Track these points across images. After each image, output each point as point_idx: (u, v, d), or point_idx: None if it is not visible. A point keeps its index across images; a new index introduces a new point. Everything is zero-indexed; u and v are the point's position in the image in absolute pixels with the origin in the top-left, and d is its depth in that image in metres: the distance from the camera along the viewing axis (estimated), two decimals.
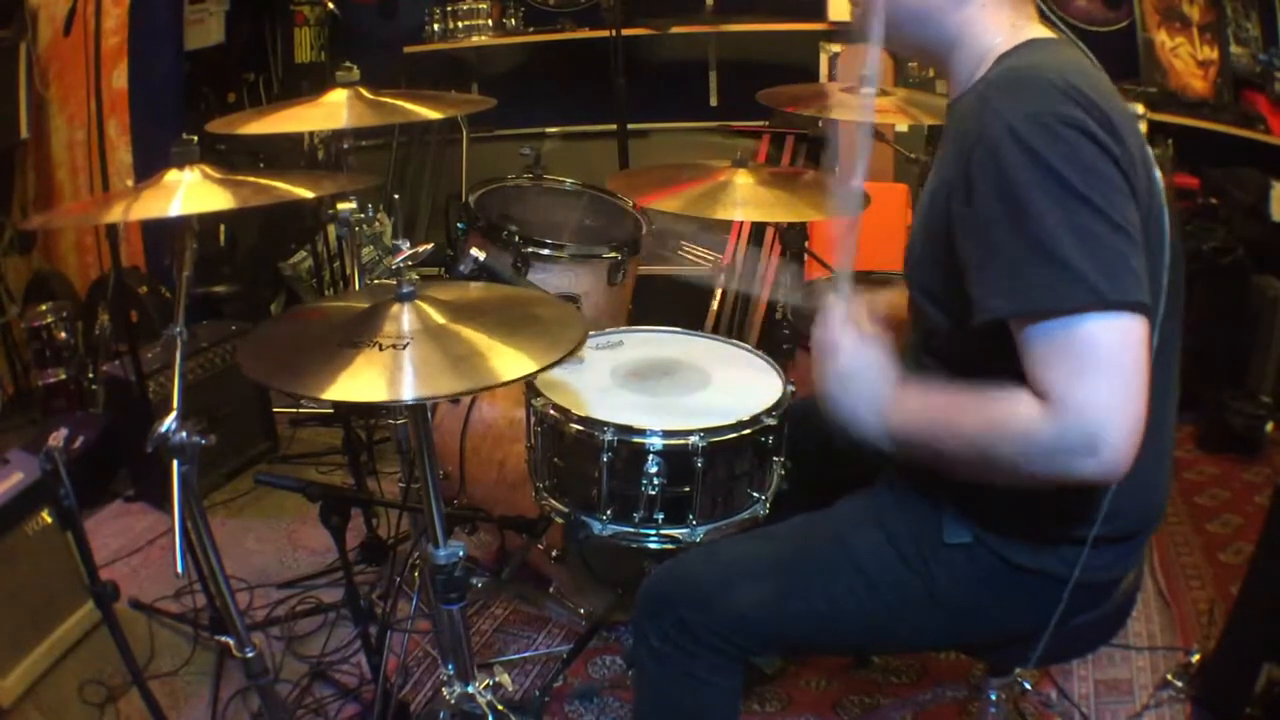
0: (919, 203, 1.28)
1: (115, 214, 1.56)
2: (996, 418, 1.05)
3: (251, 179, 1.53)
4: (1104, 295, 0.96)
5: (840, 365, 1.22)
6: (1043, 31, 1.18)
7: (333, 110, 1.80)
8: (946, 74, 1.25)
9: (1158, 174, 1.10)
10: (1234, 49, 3.14)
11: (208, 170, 1.50)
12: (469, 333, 1.21)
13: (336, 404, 2.56)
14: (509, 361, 1.17)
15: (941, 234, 1.11)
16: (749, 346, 1.81)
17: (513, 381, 1.17)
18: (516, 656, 2.13)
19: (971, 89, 1.16)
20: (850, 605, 1.26)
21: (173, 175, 1.48)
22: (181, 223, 1.46)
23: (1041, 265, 0.98)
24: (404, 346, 1.16)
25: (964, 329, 1.09)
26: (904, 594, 1.24)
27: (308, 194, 1.56)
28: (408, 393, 1.12)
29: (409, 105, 1.85)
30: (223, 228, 3.53)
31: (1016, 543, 1.20)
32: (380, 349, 1.16)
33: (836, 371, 1.22)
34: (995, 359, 1.06)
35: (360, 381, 1.12)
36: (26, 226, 3.34)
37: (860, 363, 1.21)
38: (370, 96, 1.84)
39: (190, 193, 1.44)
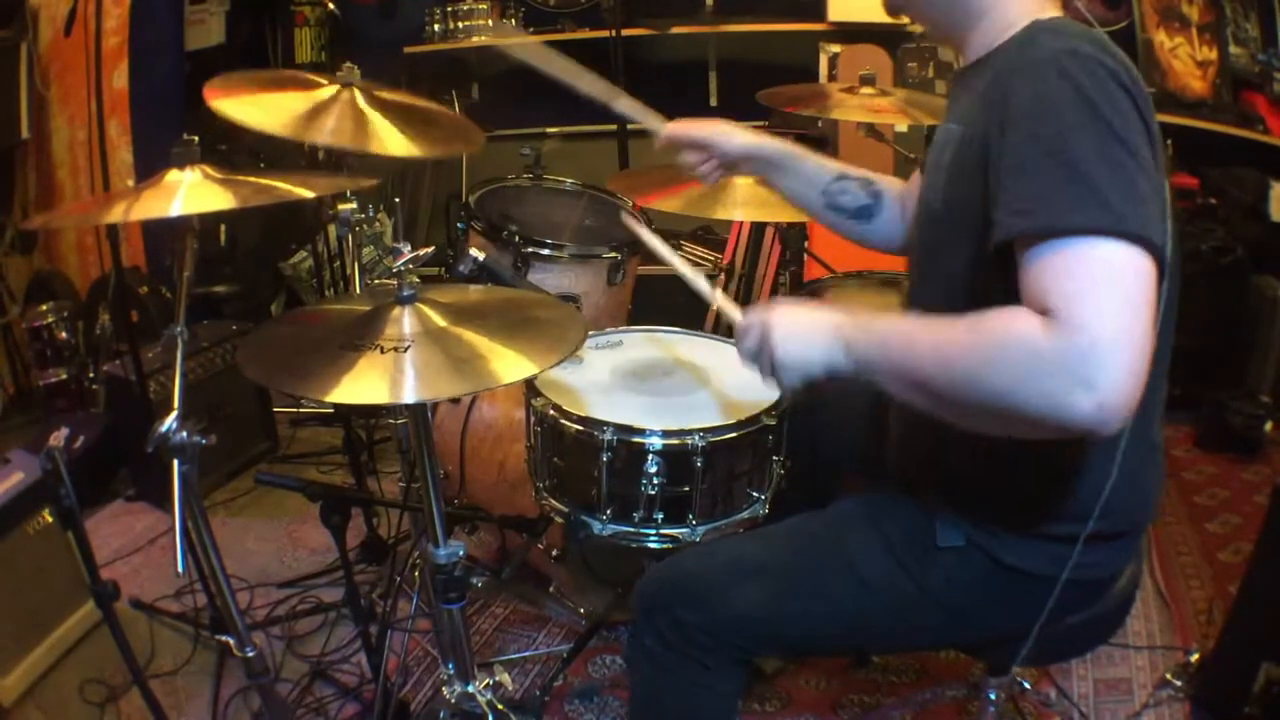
0: (926, 177, 1.26)
1: (116, 214, 1.55)
2: (986, 331, 0.97)
3: (252, 179, 1.53)
4: (1127, 223, 0.93)
5: (775, 322, 1.17)
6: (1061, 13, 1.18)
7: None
8: (960, 45, 1.24)
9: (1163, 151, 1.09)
10: (1233, 49, 3.15)
11: (208, 170, 1.50)
12: (469, 335, 1.21)
13: (337, 404, 2.56)
14: (508, 363, 1.17)
15: (974, 187, 1.08)
16: None
17: (512, 383, 1.17)
18: (516, 656, 2.13)
19: (1003, 46, 1.15)
20: (846, 606, 1.26)
21: (173, 175, 1.48)
22: (182, 223, 1.46)
23: (1069, 185, 0.96)
24: (405, 349, 1.17)
25: (991, 304, 1.05)
26: (898, 595, 1.24)
27: (308, 194, 1.56)
28: (409, 395, 1.12)
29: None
30: (223, 228, 3.53)
31: (1009, 543, 1.20)
32: (381, 351, 1.17)
33: (777, 332, 1.16)
34: None
35: (361, 383, 1.13)
36: (28, 226, 3.34)
37: (793, 311, 1.18)
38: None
39: (191, 193, 1.43)
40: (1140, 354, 0.90)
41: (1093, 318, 0.90)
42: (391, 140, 1.72)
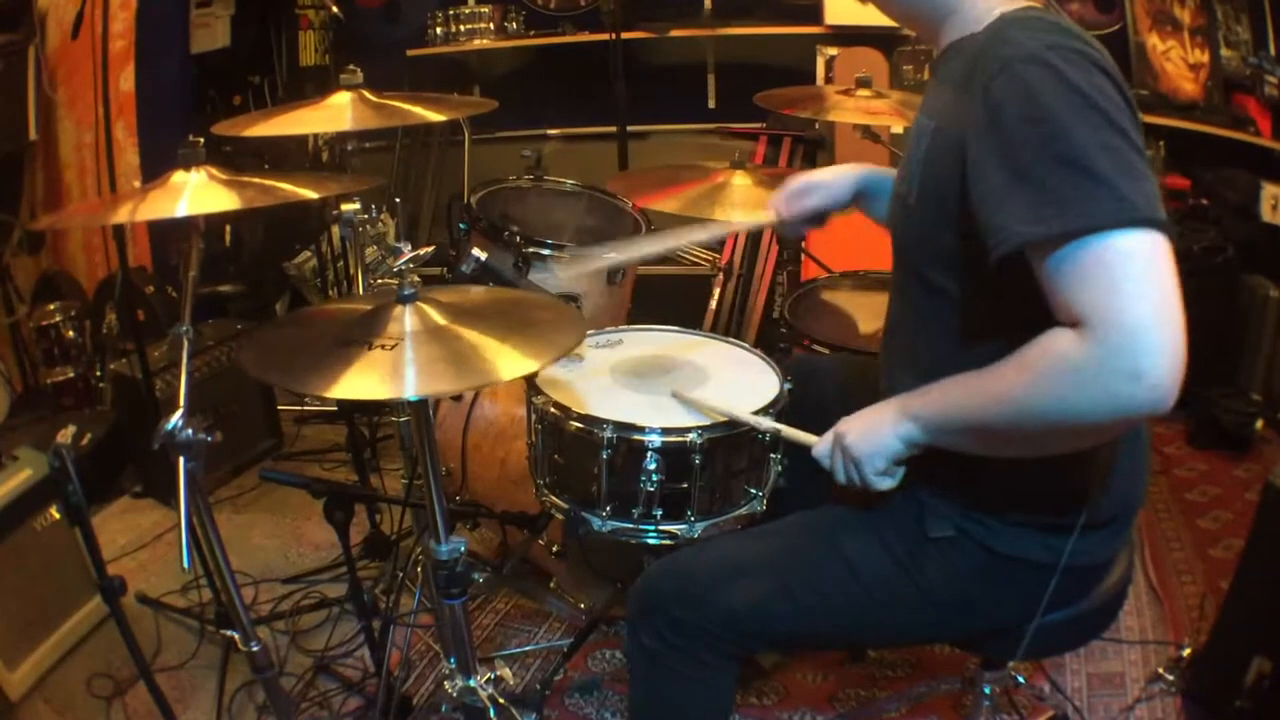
0: (900, 170, 1.27)
1: (123, 215, 1.57)
2: (1033, 364, 0.99)
3: (256, 180, 1.54)
4: (1137, 209, 0.94)
5: (844, 432, 1.24)
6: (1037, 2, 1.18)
7: (336, 113, 1.82)
8: (937, 36, 1.23)
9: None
10: (1224, 52, 3.16)
11: (213, 171, 1.52)
12: (469, 333, 1.22)
13: (340, 401, 2.58)
14: (507, 360, 1.18)
15: (951, 183, 1.08)
16: (747, 345, 1.83)
17: (511, 380, 1.18)
18: (517, 650, 2.15)
19: (974, 35, 1.14)
20: (841, 602, 1.27)
21: (179, 176, 1.50)
22: (188, 223, 1.48)
23: (1073, 181, 0.95)
24: (405, 347, 1.18)
25: (977, 290, 1.07)
26: (893, 589, 1.25)
27: (312, 195, 1.58)
28: (409, 390, 1.13)
29: (411, 107, 1.87)
30: (228, 228, 3.55)
31: (1000, 531, 1.21)
32: (384, 349, 1.18)
33: (849, 439, 1.22)
34: (1011, 316, 1.04)
35: (361, 380, 1.14)
36: (36, 228, 3.36)
37: (856, 416, 1.23)
38: (373, 99, 1.86)
39: (196, 194, 1.45)
40: (1175, 329, 0.92)
41: (1123, 312, 0.92)
42: None
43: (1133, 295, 0.92)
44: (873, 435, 1.20)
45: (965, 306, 1.16)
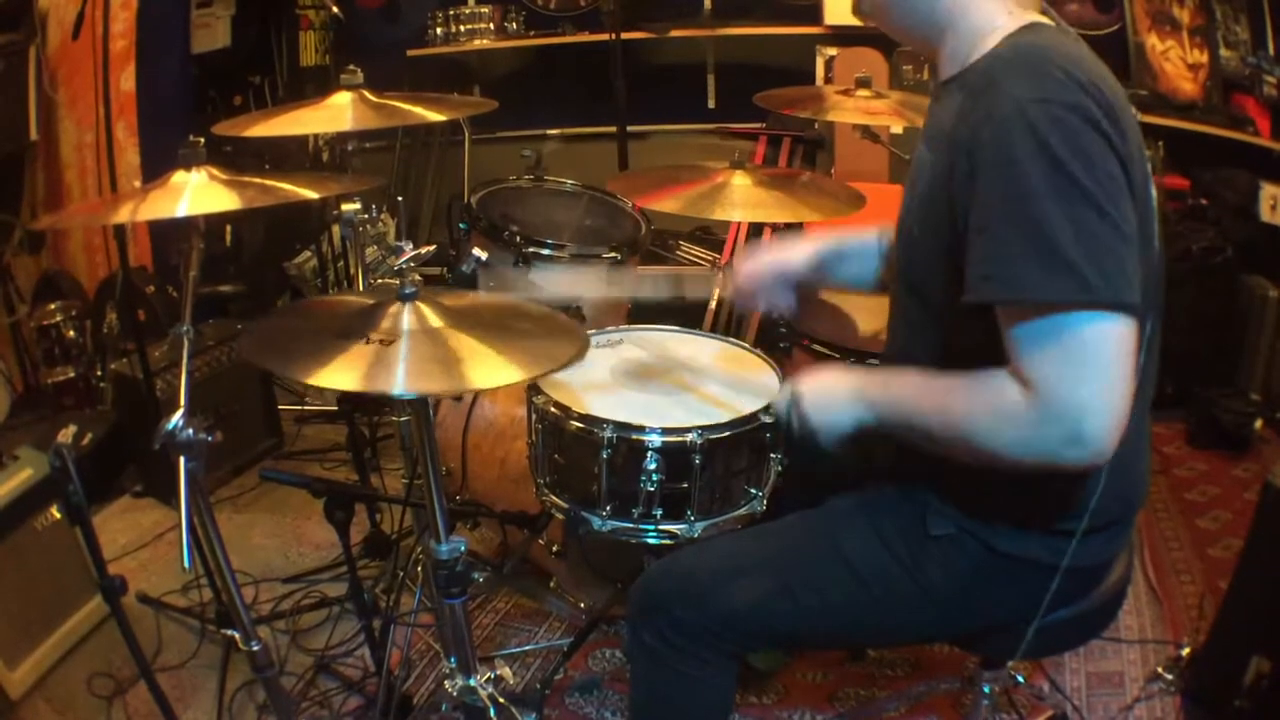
0: (905, 201, 1.27)
1: (123, 214, 1.57)
2: (981, 401, 1.06)
3: (257, 180, 1.54)
4: (1097, 293, 0.96)
5: (803, 391, 1.28)
6: (1043, 19, 1.17)
7: (337, 113, 1.82)
8: (936, 56, 1.23)
9: (1149, 169, 1.10)
10: (1223, 52, 3.17)
11: (214, 171, 1.51)
12: (465, 338, 1.22)
13: (340, 401, 2.58)
14: (499, 370, 1.19)
15: (941, 214, 1.10)
16: (746, 345, 1.83)
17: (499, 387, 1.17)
18: (518, 650, 2.15)
19: (973, 66, 1.14)
20: (841, 600, 1.27)
21: (180, 176, 1.50)
22: (188, 223, 1.48)
23: (1037, 256, 0.97)
24: (401, 344, 1.18)
25: (959, 314, 1.08)
26: (893, 588, 1.26)
27: (312, 194, 1.58)
28: (398, 387, 1.13)
29: (412, 107, 1.87)
30: (229, 228, 3.55)
31: (1001, 531, 1.21)
32: (381, 344, 1.18)
33: (806, 399, 1.27)
34: (990, 345, 1.06)
35: (353, 371, 1.14)
36: (37, 227, 3.36)
37: (819, 378, 1.27)
38: (374, 99, 1.87)
39: (197, 194, 1.45)
40: (1120, 412, 0.98)
41: (1073, 393, 0.98)
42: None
43: (1079, 374, 0.98)
44: (828, 407, 1.26)
45: (959, 328, 1.16)
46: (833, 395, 1.26)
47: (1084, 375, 0.98)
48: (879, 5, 1.25)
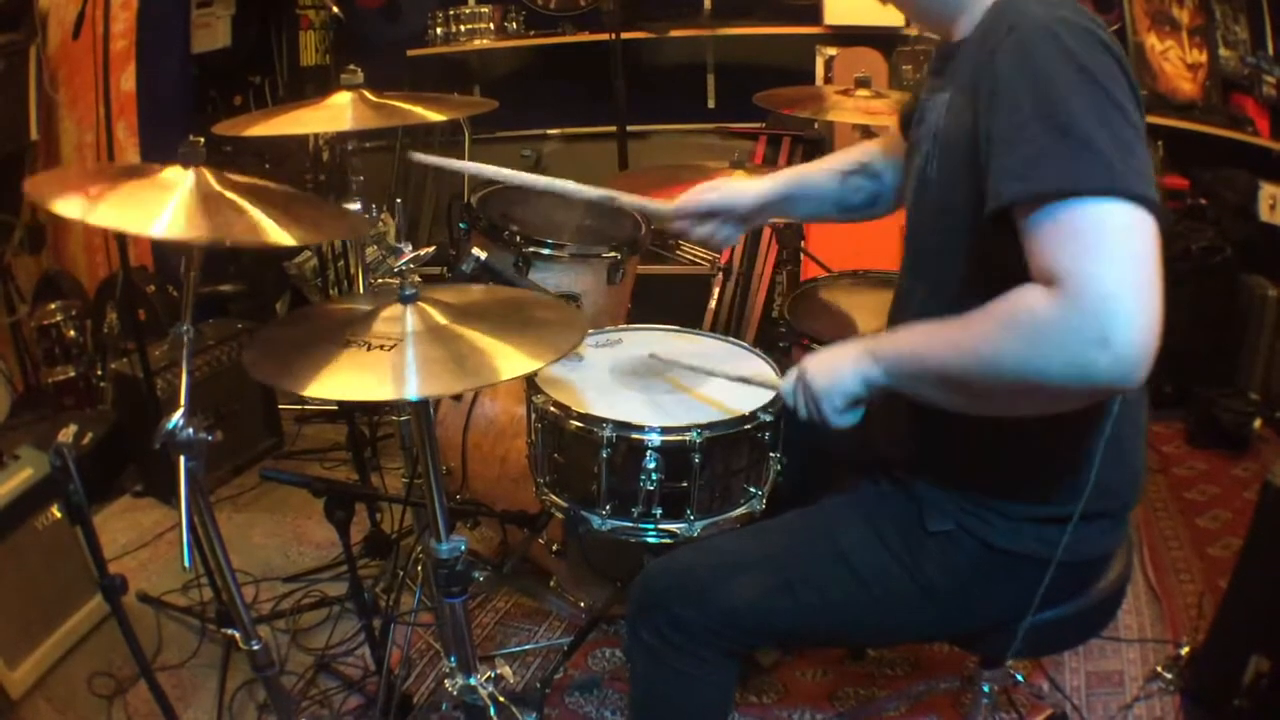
0: (914, 143, 1.27)
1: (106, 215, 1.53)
2: (998, 313, 1.00)
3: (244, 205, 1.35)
4: (1125, 180, 0.94)
5: (806, 365, 1.25)
6: None
7: (337, 113, 1.82)
8: (945, 31, 1.24)
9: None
10: (1222, 52, 3.17)
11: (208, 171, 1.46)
12: (470, 333, 1.23)
13: (341, 401, 2.59)
14: (509, 360, 1.18)
15: (963, 148, 1.09)
16: (746, 344, 1.83)
17: (512, 380, 1.17)
18: (518, 649, 2.16)
19: (983, 20, 1.14)
20: (840, 598, 1.28)
21: (171, 171, 1.40)
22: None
23: (1065, 146, 0.96)
24: (405, 346, 1.18)
25: (982, 265, 1.07)
26: (891, 585, 1.26)
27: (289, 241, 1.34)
28: (410, 391, 1.13)
29: (412, 107, 1.88)
30: None
31: (999, 526, 1.21)
32: (384, 349, 1.18)
33: (809, 372, 1.24)
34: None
35: (362, 381, 1.14)
36: (28, 190, 3.35)
37: (821, 351, 1.24)
38: (374, 99, 1.87)
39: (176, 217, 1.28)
40: (1149, 301, 0.92)
41: (1097, 276, 0.91)
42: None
43: (1109, 261, 0.92)
44: (833, 373, 1.20)
45: (971, 284, 1.14)
46: (839, 358, 1.21)
47: (1111, 258, 0.92)
48: None
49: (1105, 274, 0.91)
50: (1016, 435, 1.13)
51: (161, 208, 1.26)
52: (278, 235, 1.28)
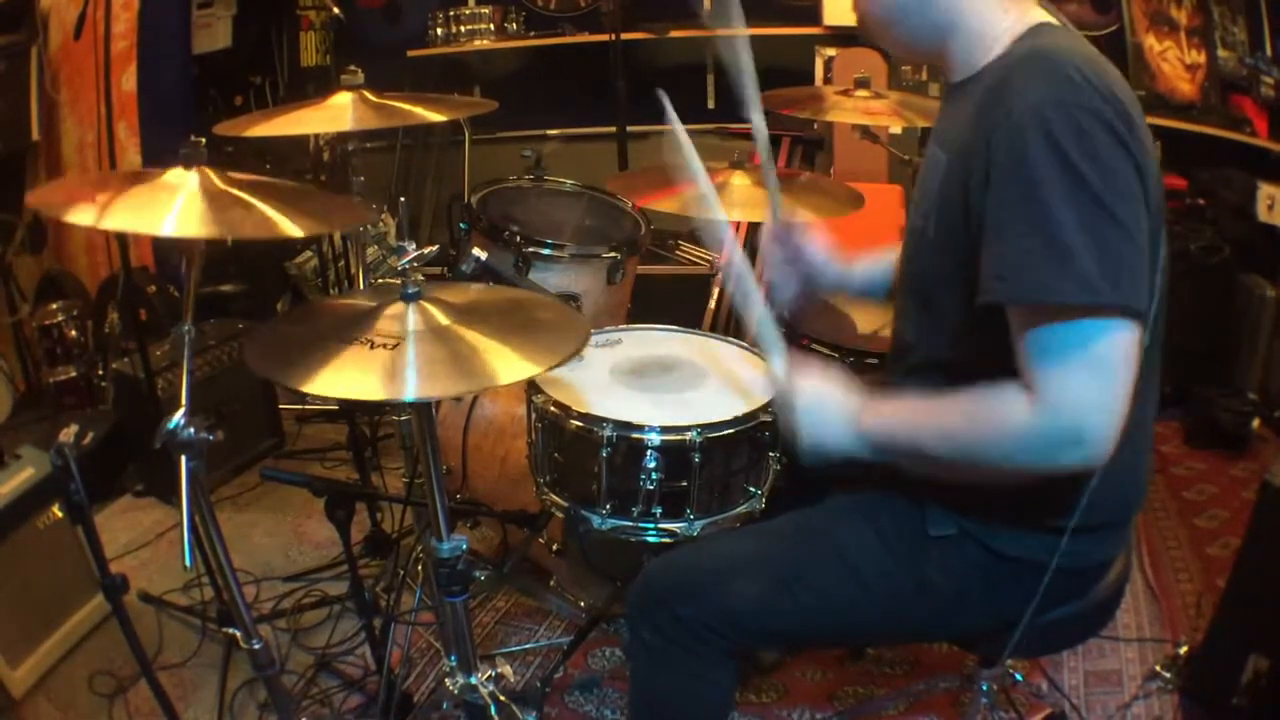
0: (916, 200, 1.28)
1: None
2: (981, 413, 1.08)
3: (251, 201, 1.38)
4: (1104, 297, 0.98)
5: (800, 395, 1.26)
6: (1047, 17, 1.17)
7: (338, 113, 1.83)
8: (943, 63, 1.23)
9: (1160, 175, 1.10)
10: (1221, 53, 3.17)
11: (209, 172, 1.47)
12: (471, 334, 1.22)
13: (341, 400, 2.59)
14: (510, 364, 1.18)
15: (955, 218, 1.11)
16: (745, 344, 1.84)
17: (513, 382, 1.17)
18: (518, 648, 2.16)
19: (986, 69, 1.14)
20: (840, 599, 1.28)
21: (174, 173, 1.43)
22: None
23: (1049, 259, 0.99)
24: (407, 346, 1.18)
25: (967, 322, 1.10)
26: (892, 587, 1.26)
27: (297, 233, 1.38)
28: (409, 392, 1.13)
29: (412, 108, 1.88)
30: None
31: (1001, 532, 1.21)
32: (386, 348, 1.18)
33: (802, 404, 1.25)
34: (999, 358, 1.07)
35: (363, 379, 1.14)
36: (33, 202, 3.33)
37: (819, 390, 1.25)
38: (374, 99, 1.87)
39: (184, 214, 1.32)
40: (1120, 410, 1.00)
41: (1077, 395, 1.00)
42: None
43: (1087, 386, 1.00)
44: (822, 423, 1.24)
45: (966, 337, 1.17)
46: (827, 420, 1.23)
47: (1089, 380, 1.00)
48: (879, 23, 1.25)
49: (1082, 394, 1.00)
50: None
51: (168, 209, 1.29)
52: (288, 227, 1.32)
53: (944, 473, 1.15)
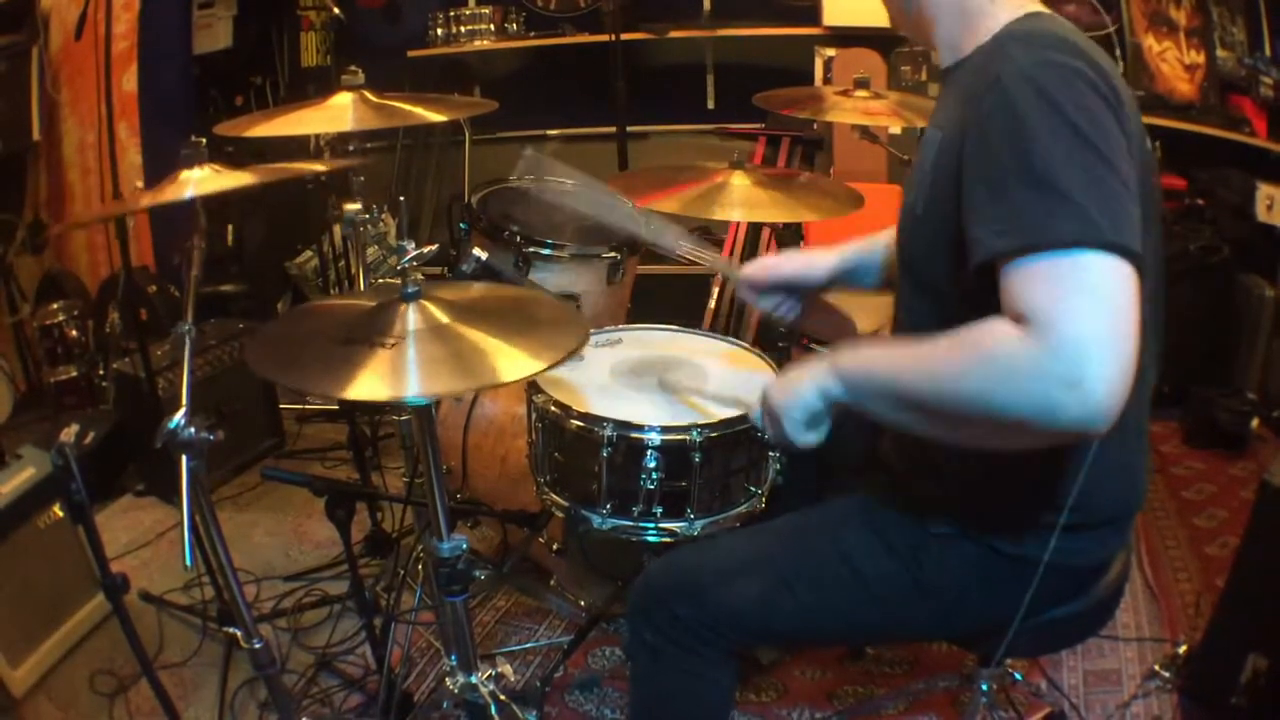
0: (909, 181, 1.27)
1: (133, 204, 1.57)
2: (969, 345, 0.97)
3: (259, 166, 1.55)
4: (1103, 233, 0.92)
5: (770, 383, 1.24)
6: (1039, 6, 1.17)
7: (338, 113, 1.83)
8: (932, 43, 1.24)
9: (1152, 159, 1.10)
10: (1220, 53, 3.17)
11: (216, 168, 1.52)
12: (472, 333, 1.22)
13: (341, 400, 2.59)
14: (512, 362, 1.18)
15: (950, 192, 1.09)
16: (745, 344, 1.84)
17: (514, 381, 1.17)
18: (518, 648, 2.16)
19: (978, 51, 1.14)
20: (840, 598, 1.28)
21: (184, 175, 1.50)
22: (191, 222, 1.49)
23: (1044, 200, 0.94)
24: (408, 345, 1.18)
25: (971, 302, 1.06)
26: (892, 586, 1.26)
27: (318, 168, 1.67)
28: (412, 391, 1.12)
29: (412, 108, 1.88)
30: (230, 228, 3.56)
31: (1001, 530, 1.21)
32: (386, 347, 1.17)
33: (772, 389, 1.23)
34: None
35: (366, 380, 1.13)
36: (54, 232, 3.37)
37: (789, 373, 1.22)
38: (375, 99, 1.87)
39: (203, 185, 1.45)
40: (1126, 353, 0.89)
41: (1070, 320, 0.89)
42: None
43: (1082, 309, 0.90)
44: (793, 388, 1.17)
45: (960, 317, 1.16)
46: (799, 374, 1.18)
47: (1087, 309, 0.90)
48: None
49: (1079, 316, 0.90)
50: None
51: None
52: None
53: (927, 429, 1.05)
